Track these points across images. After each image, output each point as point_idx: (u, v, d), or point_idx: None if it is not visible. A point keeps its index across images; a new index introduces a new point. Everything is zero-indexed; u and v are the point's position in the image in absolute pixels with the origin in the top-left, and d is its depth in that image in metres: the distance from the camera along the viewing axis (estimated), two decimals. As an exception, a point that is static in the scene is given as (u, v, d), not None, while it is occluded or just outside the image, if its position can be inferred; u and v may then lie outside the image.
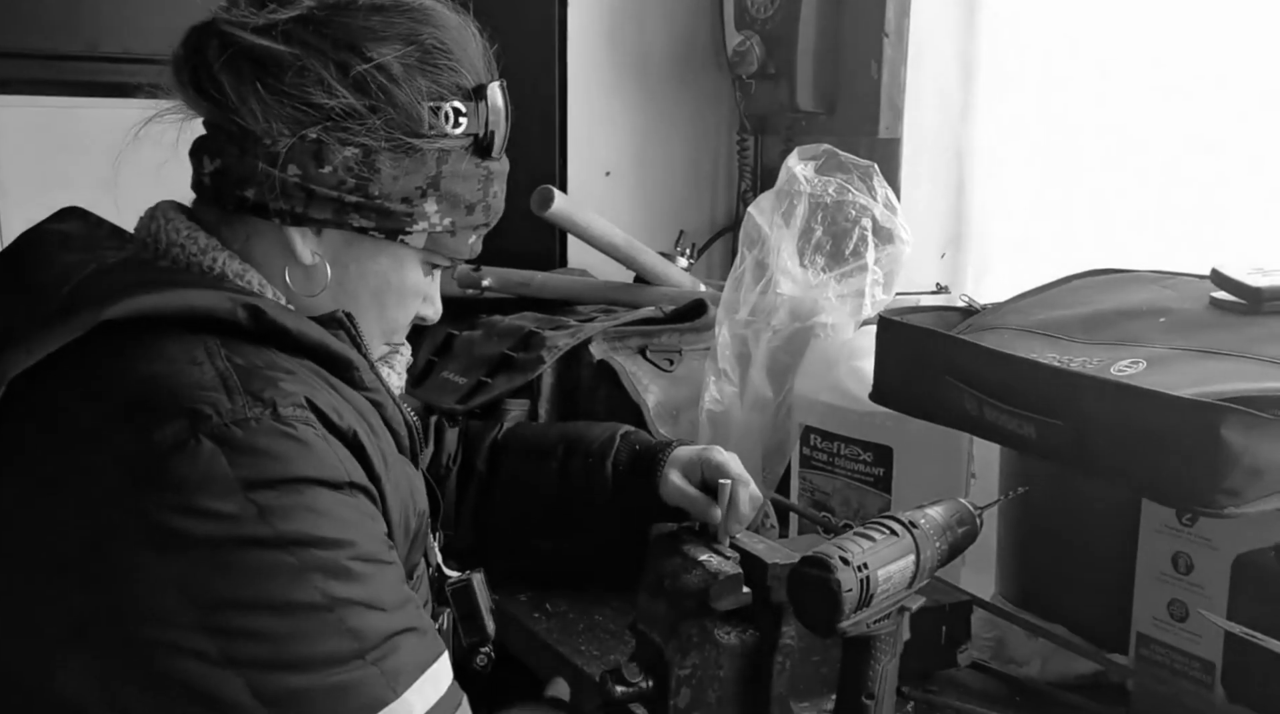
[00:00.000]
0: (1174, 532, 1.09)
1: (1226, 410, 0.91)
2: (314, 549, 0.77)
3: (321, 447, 0.81)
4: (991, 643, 1.27)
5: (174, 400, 0.78)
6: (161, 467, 0.76)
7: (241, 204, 0.91)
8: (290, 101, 0.88)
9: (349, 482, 0.82)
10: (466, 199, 0.96)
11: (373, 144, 0.90)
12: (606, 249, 1.78)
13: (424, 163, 0.93)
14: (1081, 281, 1.33)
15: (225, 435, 0.77)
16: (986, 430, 1.12)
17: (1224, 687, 1.07)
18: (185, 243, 0.92)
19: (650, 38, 2.15)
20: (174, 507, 0.75)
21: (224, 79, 0.88)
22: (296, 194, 0.90)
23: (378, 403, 0.93)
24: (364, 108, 0.89)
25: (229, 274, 0.91)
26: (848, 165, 1.50)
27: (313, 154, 0.89)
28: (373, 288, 0.97)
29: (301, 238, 0.92)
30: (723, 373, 1.51)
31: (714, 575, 1.04)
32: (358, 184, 0.91)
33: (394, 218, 0.93)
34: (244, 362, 0.82)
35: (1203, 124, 1.57)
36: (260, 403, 0.79)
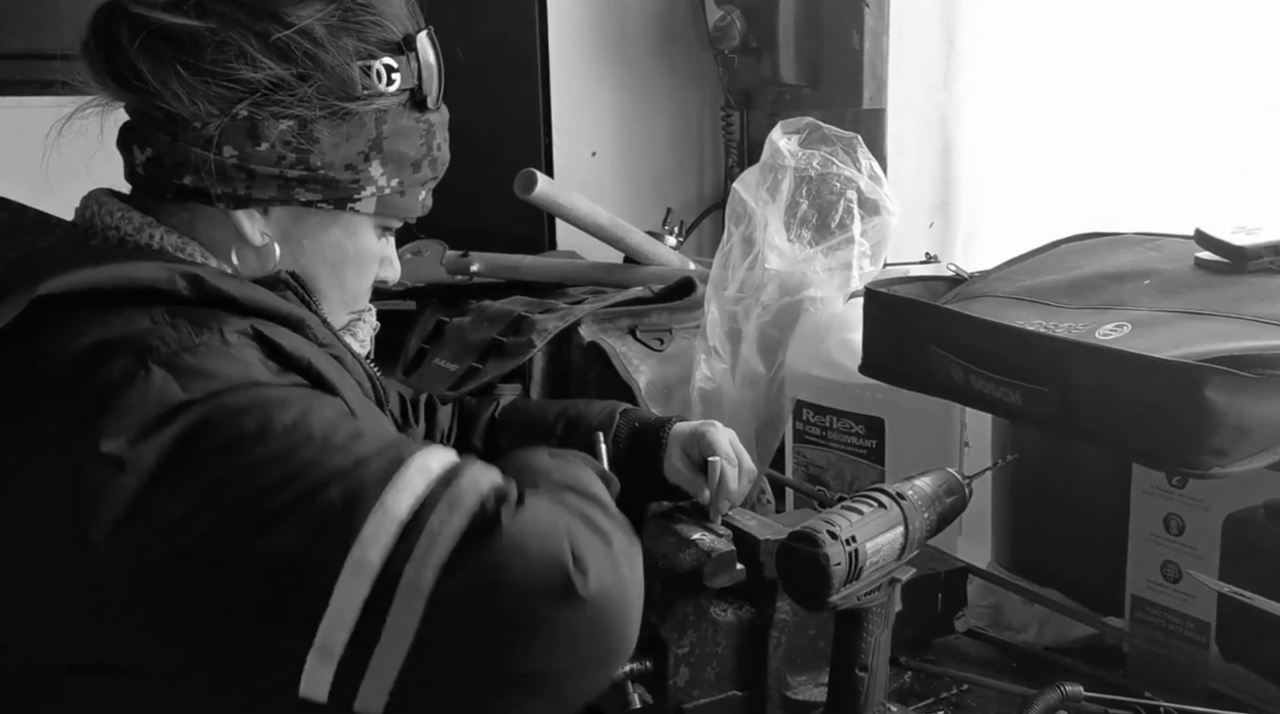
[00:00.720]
0: (1164, 493, 1.10)
1: (1210, 371, 0.91)
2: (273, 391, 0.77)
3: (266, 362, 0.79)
4: (988, 610, 1.28)
5: (124, 344, 0.76)
6: (113, 399, 0.73)
7: (181, 192, 0.88)
8: (214, 79, 0.84)
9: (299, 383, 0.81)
10: (411, 156, 0.93)
11: (307, 114, 0.87)
12: (592, 230, 1.77)
13: (363, 126, 0.89)
14: (1068, 246, 1.33)
15: (174, 361, 0.75)
16: (973, 399, 1.12)
17: (1219, 646, 1.07)
18: (120, 223, 0.88)
19: (631, 16, 2.14)
20: (130, 433, 0.72)
21: (142, 64, 0.84)
22: (236, 175, 0.87)
23: (336, 356, 0.90)
24: (292, 77, 0.86)
25: (168, 248, 0.88)
26: (831, 138, 1.49)
27: (247, 132, 0.86)
28: (330, 260, 0.94)
29: (249, 219, 0.89)
30: (713, 350, 1.51)
31: (707, 554, 1.05)
32: (298, 157, 0.87)
33: (340, 187, 0.90)
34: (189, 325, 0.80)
35: (1187, 83, 1.56)
36: (207, 330, 0.78)
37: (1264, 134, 1.49)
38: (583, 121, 2.12)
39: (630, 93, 2.16)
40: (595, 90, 2.13)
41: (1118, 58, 1.63)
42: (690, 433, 1.17)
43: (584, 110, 2.12)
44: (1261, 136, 1.49)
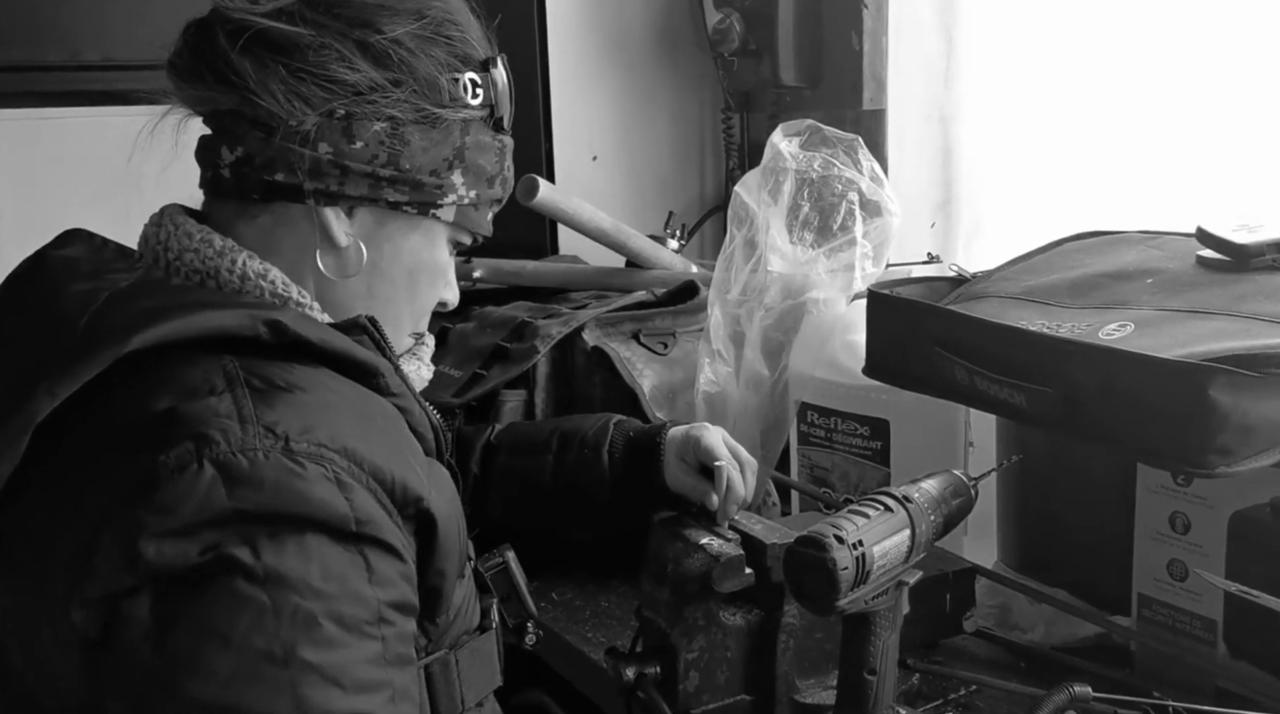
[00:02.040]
0: (1170, 492, 1.10)
1: (1214, 370, 0.91)
2: (292, 592, 0.73)
3: (327, 490, 0.77)
4: (995, 610, 1.28)
5: (186, 425, 0.76)
6: (159, 486, 0.74)
7: (270, 189, 0.89)
8: (314, 80, 0.87)
9: (357, 532, 0.77)
10: (488, 171, 0.96)
11: (400, 116, 0.90)
12: (595, 235, 1.78)
13: (449, 134, 0.92)
14: (1070, 245, 1.33)
15: (229, 464, 0.75)
16: (978, 400, 1.12)
17: (1226, 644, 1.08)
18: (199, 247, 0.89)
19: (630, 20, 2.14)
20: (164, 528, 0.73)
21: (243, 64, 0.87)
22: (330, 171, 0.89)
23: (403, 408, 0.90)
24: (387, 81, 0.89)
25: (250, 275, 0.89)
26: (832, 140, 1.50)
27: (342, 130, 0.88)
28: (407, 267, 0.95)
29: (336, 218, 0.91)
30: (717, 353, 1.51)
31: (716, 558, 1.05)
32: (389, 157, 0.90)
33: (425, 190, 0.92)
34: (262, 383, 0.80)
35: (1187, 81, 1.56)
36: (272, 435, 0.76)
37: (1265, 131, 1.49)
38: (583, 126, 2.12)
39: (630, 97, 2.16)
40: (595, 95, 2.13)
41: (1118, 55, 1.63)
42: (684, 438, 1.17)
43: (584, 115, 2.12)
44: (1262, 134, 1.50)
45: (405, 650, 0.81)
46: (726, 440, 1.17)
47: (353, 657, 0.75)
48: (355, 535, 0.77)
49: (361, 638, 0.76)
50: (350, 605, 0.76)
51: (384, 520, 0.80)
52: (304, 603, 0.74)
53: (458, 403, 1.54)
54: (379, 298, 0.95)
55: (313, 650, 0.73)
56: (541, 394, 1.51)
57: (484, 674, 0.99)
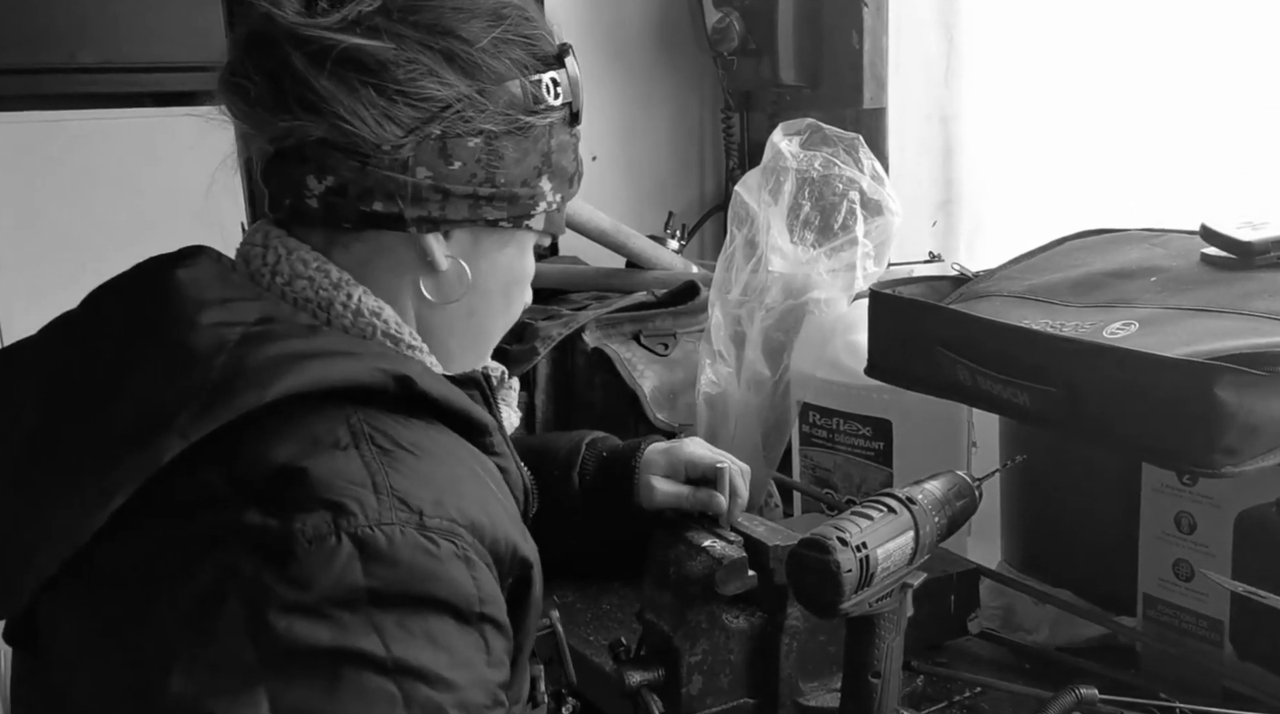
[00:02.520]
0: (1175, 491, 1.09)
1: (1220, 369, 0.90)
2: (421, 683, 0.70)
3: (458, 569, 0.74)
4: (999, 611, 1.27)
5: (318, 489, 0.72)
6: (296, 557, 0.70)
7: (366, 219, 0.84)
8: (405, 99, 0.81)
9: (481, 613, 0.75)
10: (569, 171, 0.92)
11: (493, 129, 0.84)
12: (595, 236, 1.77)
13: (539, 140, 0.88)
14: (1073, 243, 1.32)
15: (366, 539, 0.71)
16: (981, 400, 1.11)
17: (1233, 644, 1.07)
18: (314, 276, 0.84)
19: (628, 19, 2.13)
20: (298, 604, 0.69)
21: (330, 88, 0.80)
22: (432, 197, 0.84)
23: (504, 469, 0.88)
24: (475, 92, 0.84)
25: (365, 312, 0.84)
26: (833, 139, 1.49)
27: (439, 151, 0.83)
28: (504, 282, 0.92)
29: (437, 243, 0.86)
30: (718, 354, 1.50)
31: (718, 561, 1.04)
32: (487, 175, 0.85)
33: (520, 203, 0.88)
34: (388, 443, 0.76)
35: (1189, 78, 1.55)
36: (407, 508, 0.73)
37: (1267, 127, 1.48)
38: (583, 126, 2.11)
39: (630, 97, 2.15)
40: (594, 95, 2.09)
41: (1119, 52, 1.63)
42: (666, 454, 1.16)
43: (584, 114, 2.11)
44: (1265, 130, 1.49)
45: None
46: (710, 448, 1.16)
47: None
48: (479, 616, 0.75)
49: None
50: (475, 693, 0.74)
51: (499, 597, 0.78)
52: (434, 695, 0.71)
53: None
54: (479, 317, 0.92)
55: None
56: (542, 396, 1.51)
57: None
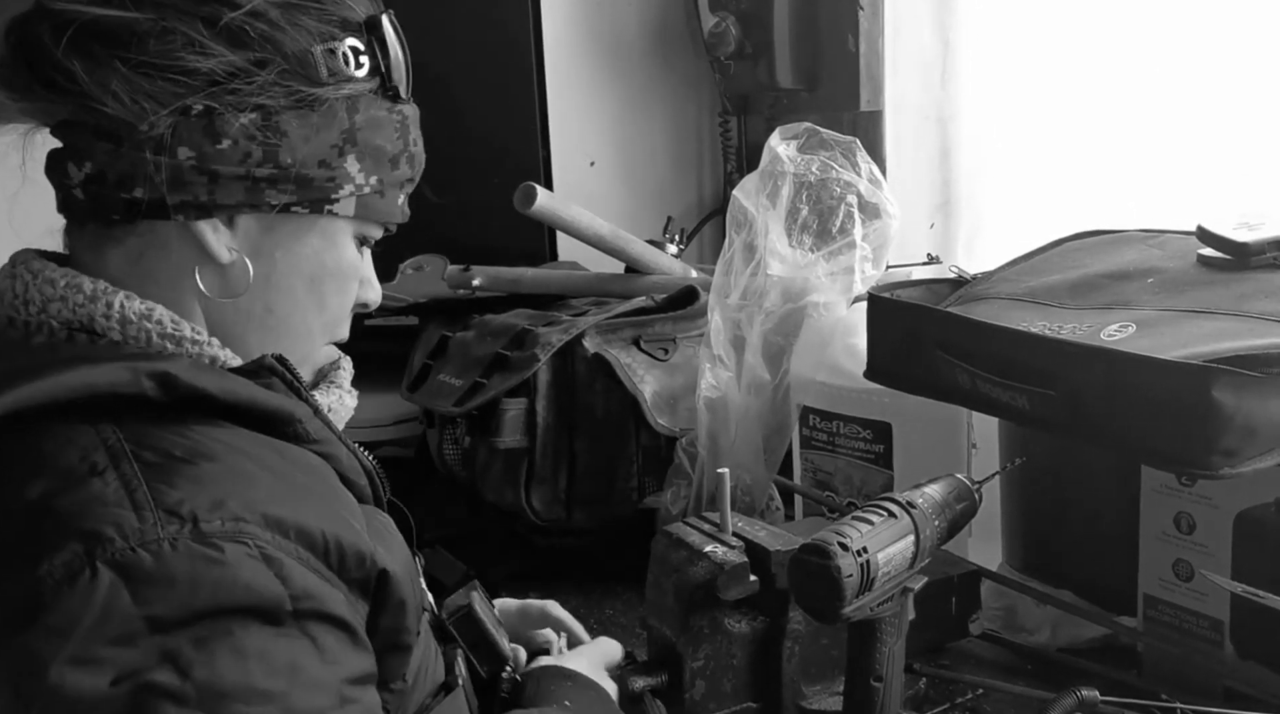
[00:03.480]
0: (1174, 492, 1.09)
1: (1217, 371, 0.91)
2: (237, 703, 0.63)
3: (254, 569, 0.66)
4: (1001, 613, 1.28)
5: (69, 523, 0.64)
6: (48, 605, 0.62)
7: (131, 208, 0.75)
8: (160, 73, 0.73)
9: (295, 610, 0.67)
10: (388, 151, 0.82)
11: (270, 103, 0.76)
12: (593, 242, 1.77)
13: (334, 115, 0.78)
14: (1070, 245, 1.33)
15: (128, 563, 0.63)
16: (980, 403, 1.12)
17: (1233, 644, 1.07)
18: (66, 294, 0.75)
19: (625, 25, 2.14)
20: (61, 657, 0.61)
21: (74, 65, 0.73)
22: (196, 179, 0.75)
23: (329, 455, 0.79)
24: (249, 63, 0.75)
25: (131, 317, 0.75)
26: (830, 142, 1.49)
27: (204, 129, 0.74)
28: (308, 276, 0.82)
29: (213, 232, 0.77)
30: (718, 358, 1.50)
31: (720, 566, 1.05)
32: (265, 153, 0.76)
33: (315, 185, 0.78)
34: (155, 456, 0.68)
35: (1185, 78, 1.56)
36: (176, 519, 0.65)
37: (1264, 128, 1.49)
38: (580, 132, 2.12)
39: (627, 102, 2.15)
40: (592, 100, 2.13)
41: (1115, 54, 1.63)
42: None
43: (581, 120, 2.12)
44: (1261, 131, 1.49)
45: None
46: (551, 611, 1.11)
47: None
48: (295, 614, 0.67)
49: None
50: (305, 695, 0.66)
51: (324, 591, 0.69)
52: (251, 709, 0.63)
53: (459, 412, 1.54)
54: (279, 314, 0.82)
55: None
56: (542, 402, 1.51)
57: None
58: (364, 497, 0.82)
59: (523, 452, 1.51)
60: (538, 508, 1.51)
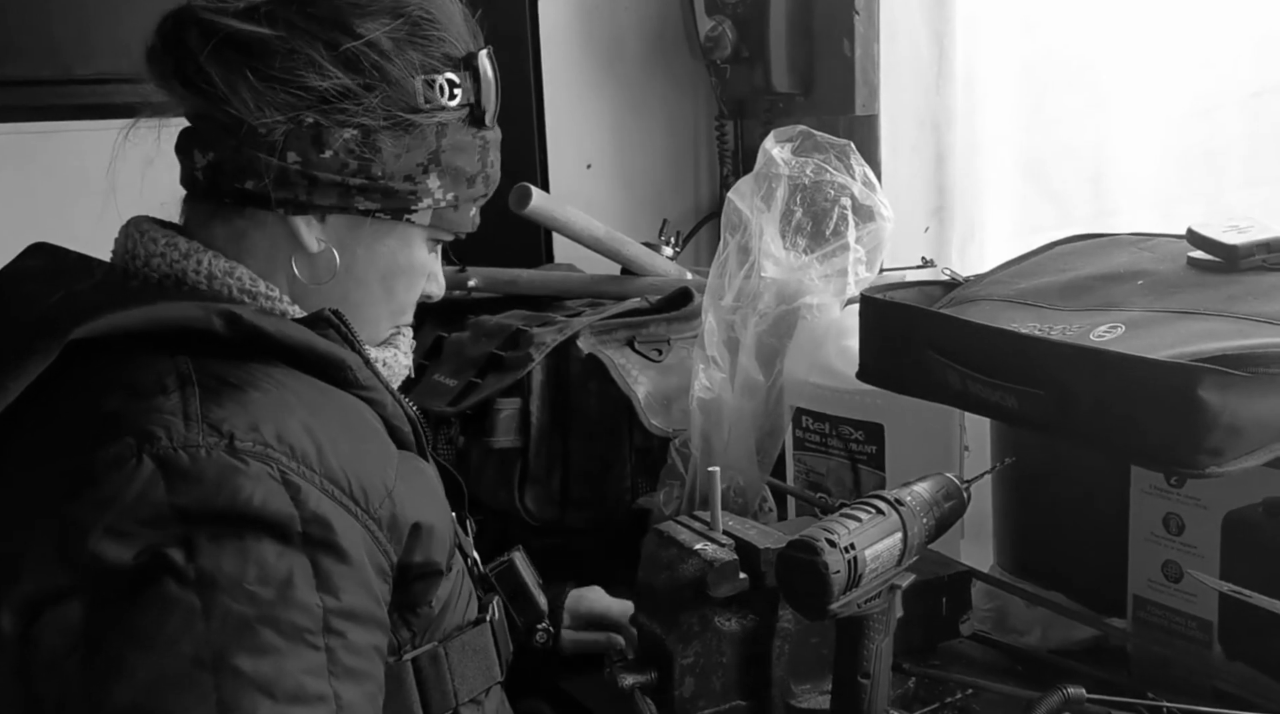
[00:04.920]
0: (1163, 493, 1.10)
1: (1203, 370, 0.91)
2: (224, 595, 0.70)
3: (272, 488, 0.74)
4: (992, 614, 1.28)
5: (131, 423, 0.75)
6: (95, 481, 0.72)
7: (242, 196, 0.88)
8: (283, 87, 0.85)
9: (304, 533, 0.74)
10: (467, 171, 0.94)
11: (371, 123, 0.88)
12: (589, 243, 1.78)
13: (424, 138, 0.90)
14: (1062, 248, 1.33)
15: (169, 459, 0.73)
16: (971, 404, 1.12)
17: (1221, 645, 1.07)
18: (165, 251, 0.88)
19: (622, 28, 2.14)
20: (100, 524, 0.71)
21: (212, 69, 0.85)
22: (299, 181, 0.87)
23: (375, 401, 0.88)
24: (358, 86, 0.87)
25: (217, 273, 0.88)
26: (824, 145, 1.49)
27: (311, 139, 0.87)
28: (381, 271, 0.94)
29: (306, 226, 0.90)
30: (711, 360, 1.51)
31: (710, 564, 1.05)
32: (360, 166, 0.88)
33: (398, 197, 0.90)
34: (214, 382, 0.78)
35: (1178, 84, 1.57)
36: (216, 433, 0.75)
37: (1254, 133, 1.49)
38: (577, 135, 2.13)
39: (624, 105, 2.16)
40: (588, 103, 2.13)
41: (1109, 59, 1.64)
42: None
43: (578, 123, 2.13)
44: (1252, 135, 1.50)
45: (360, 664, 0.76)
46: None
47: (288, 666, 0.71)
48: (303, 537, 0.74)
49: (301, 646, 0.72)
50: (290, 612, 0.72)
51: (342, 522, 0.77)
52: (236, 606, 0.70)
53: (453, 412, 1.54)
54: (354, 302, 0.93)
55: (244, 657, 0.70)
56: (537, 402, 1.51)
57: (477, 669, 0.97)
58: (406, 443, 0.91)
59: (516, 452, 1.51)
60: (531, 508, 1.51)
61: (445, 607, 0.93)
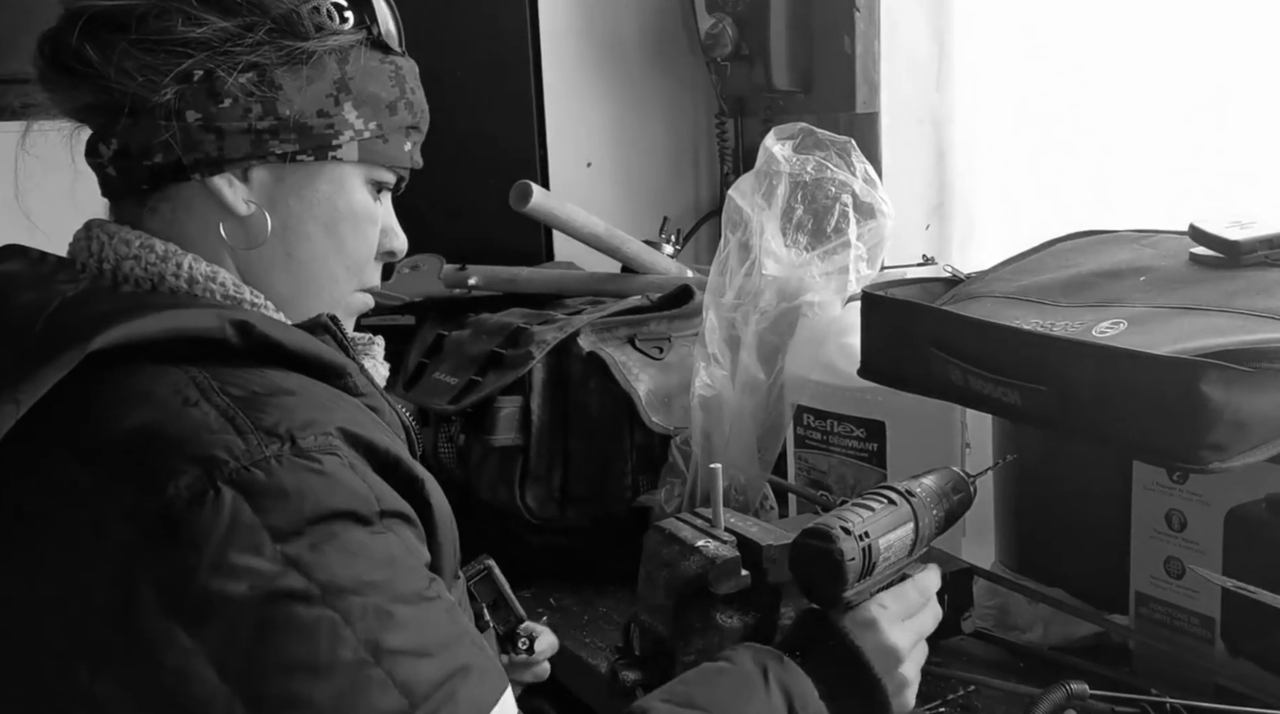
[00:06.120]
0: (1166, 489, 1.10)
1: (1205, 366, 0.91)
2: (353, 595, 0.71)
3: (348, 476, 0.74)
4: (994, 611, 1.28)
5: (181, 448, 0.71)
6: (181, 523, 0.69)
7: (155, 175, 0.85)
8: (160, 47, 0.82)
9: (381, 510, 0.75)
10: (384, 98, 0.89)
11: (263, 61, 0.84)
12: (589, 241, 1.78)
13: (323, 66, 0.86)
14: (1063, 244, 1.33)
15: (245, 480, 0.71)
16: (973, 400, 1.12)
17: (1224, 641, 1.07)
18: (140, 253, 0.84)
19: (622, 26, 2.14)
20: (202, 567, 0.68)
21: (88, 51, 0.82)
22: (205, 138, 0.83)
23: (374, 407, 0.86)
24: (239, 28, 0.83)
25: (199, 278, 0.84)
26: (825, 142, 1.49)
27: (207, 92, 0.83)
28: (322, 220, 0.89)
29: (229, 187, 0.85)
30: (712, 357, 1.50)
31: (712, 560, 1.05)
32: (264, 108, 0.84)
33: (315, 133, 0.86)
34: (241, 391, 0.76)
35: (1178, 80, 1.56)
36: (276, 438, 0.73)
37: (1255, 129, 1.49)
38: (577, 133, 2.13)
39: (624, 103, 2.16)
40: (589, 101, 2.13)
41: (1109, 56, 1.64)
42: None
43: (578, 121, 2.13)
44: (1253, 131, 1.50)
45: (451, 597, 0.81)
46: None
47: (429, 625, 0.74)
48: (381, 514, 0.75)
49: (426, 604, 0.75)
50: (406, 582, 0.75)
51: (393, 495, 0.78)
52: (368, 600, 0.71)
53: (454, 410, 1.54)
54: (300, 259, 0.89)
55: (395, 637, 0.71)
56: (537, 400, 1.51)
57: None
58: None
59: (517, 449, 1.51)
60: (532, 506, 1.51)
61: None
